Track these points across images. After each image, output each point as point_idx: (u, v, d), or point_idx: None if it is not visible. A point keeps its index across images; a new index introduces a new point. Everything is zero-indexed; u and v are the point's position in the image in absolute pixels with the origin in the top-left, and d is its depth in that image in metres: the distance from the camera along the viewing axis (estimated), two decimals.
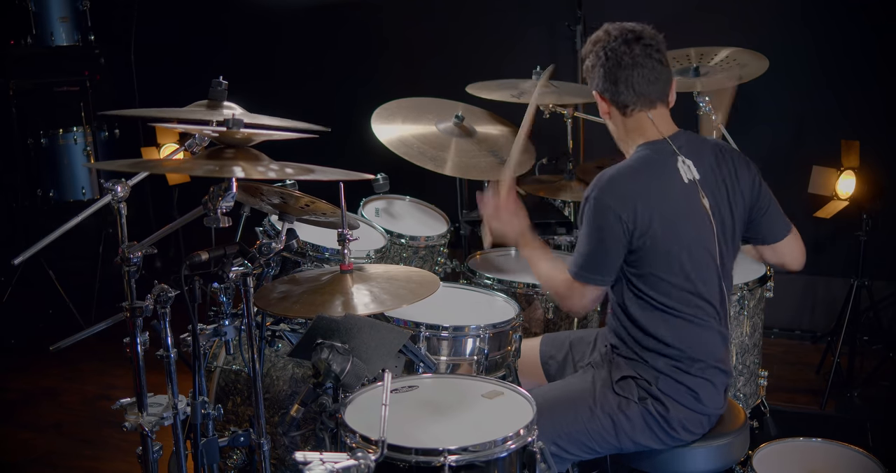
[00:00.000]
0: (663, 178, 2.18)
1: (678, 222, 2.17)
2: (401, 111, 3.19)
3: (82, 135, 4.94)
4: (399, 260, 3.00)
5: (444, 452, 1.62)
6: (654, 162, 2.20)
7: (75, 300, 4.66)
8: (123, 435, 3.51)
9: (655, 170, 2.19)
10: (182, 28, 5.42)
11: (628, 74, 2.18)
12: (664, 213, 2.15)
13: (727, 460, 2.34)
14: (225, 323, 2.14)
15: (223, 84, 2.13)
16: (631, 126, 2.25)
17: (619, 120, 2.26)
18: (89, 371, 4.21)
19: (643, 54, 2.18)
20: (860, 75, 4.19)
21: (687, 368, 2.21)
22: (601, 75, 2.21)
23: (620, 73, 2.18)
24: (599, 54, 2.20)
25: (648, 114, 2.22)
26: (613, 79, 2.19)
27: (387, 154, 2.97)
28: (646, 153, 2.21)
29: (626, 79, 2.19)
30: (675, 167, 2.20)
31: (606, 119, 2.31)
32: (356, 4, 5.06)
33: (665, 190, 2.18)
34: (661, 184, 2.18)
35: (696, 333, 2.22)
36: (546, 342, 2.63)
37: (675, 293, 2.19)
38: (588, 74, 2.28)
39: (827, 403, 3.75)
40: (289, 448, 2.54)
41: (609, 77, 2.20)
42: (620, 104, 2.23)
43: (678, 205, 2.18)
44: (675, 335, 2.20)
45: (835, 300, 4.33)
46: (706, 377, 2.22)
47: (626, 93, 2.20)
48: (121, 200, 1.97)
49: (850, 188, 3.82)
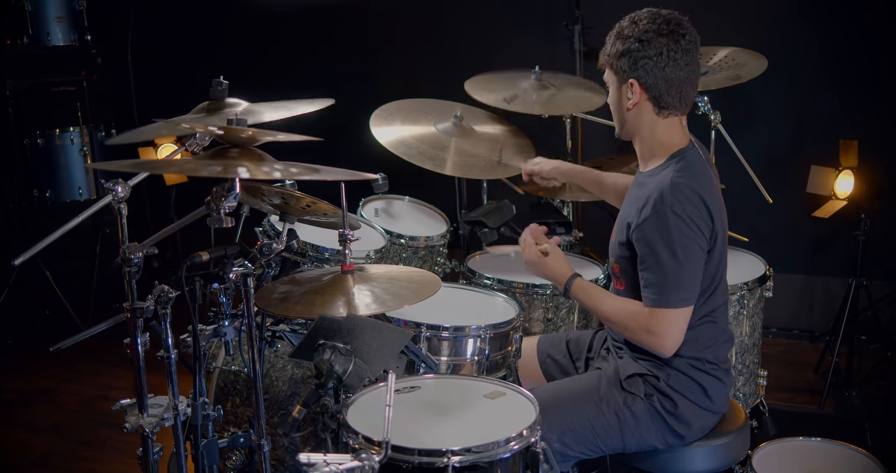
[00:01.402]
0: (712, 183, 2.19)
1: (722, 224, 2.19)
2: (399, 112, 3.19)
3: (79, 136, 4.93)
4: (398, 261, 3.00)
5: (447, 453, 1.62)
6: (701, 166, 2.19)
7: (72, 300, 4.64)
8: (121, 436, 3.51)
9: (707, 175, 2.18)
10: (178, 28, 5.40)
11: (681, 76, 2.13)
12: (722, 217, 2.17)
13: (728, 459, 2.34)
14: (224, 324, 2.13)
15: (224, 84, 2.14)
16: (662, 127, 2.20)
17: (649, 116, 2.19)
18: (87, 371, 4.20)
19: (693, 57, 2.14)
20: (859, 75, 4.20)
21: (701, 366, 2.22)
22: (649, 68, 2.12)
23: (674, 72, 2.12)
24: (653, 45, 2.10)
25: (682, 118, 2.22)
26: (666, 78, 2.12)
27: (384, 153, 2.97)
28: (692, 158, 2.18)
29: (680, 82, 2.13)
30: (709, 170, 2.21)
31: (627, 109, 2.20)
32: (352, 3, 5.06)
33: (717, 194, 2.18)
34: (715, 189, 2.18)
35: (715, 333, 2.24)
36: (543, 342, 2.63)
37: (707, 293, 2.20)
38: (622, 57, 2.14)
39: (825, 403, 3.75)
40: (288, 449, 2.53)
41: (661, 74, 2.12)
42: (662, 104, 2.16)
43: (722, 207, 2.20)
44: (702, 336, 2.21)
45: (832, 299, 4.34)
46: (717, 375, 2.24)
47: (673, 96, 2.15)
48: (121, 200, 1.97)
49: (848, 188, 3.82)
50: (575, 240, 3.46)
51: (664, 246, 2.08)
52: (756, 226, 3.99)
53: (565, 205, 3.68)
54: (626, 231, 2.19)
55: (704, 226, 2.10)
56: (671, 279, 2.08)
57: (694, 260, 2.09)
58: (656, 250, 2.09)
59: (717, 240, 2.16)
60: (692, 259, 2.09)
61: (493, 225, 3.12)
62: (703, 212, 2.09)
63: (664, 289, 2.09)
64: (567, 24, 4.42)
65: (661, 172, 2.18)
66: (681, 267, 2.08)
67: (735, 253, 3.26)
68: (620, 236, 2.24)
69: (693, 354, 2.20)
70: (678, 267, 2.08)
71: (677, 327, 2.12)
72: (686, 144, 2.22)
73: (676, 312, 2.11)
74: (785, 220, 4.31)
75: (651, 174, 2.22)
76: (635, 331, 2.17)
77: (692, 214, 2.07)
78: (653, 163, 2.25)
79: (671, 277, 2.08)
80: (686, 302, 2.11)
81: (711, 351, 2.23)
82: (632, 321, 2.17)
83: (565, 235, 3.36)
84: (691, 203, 2.08)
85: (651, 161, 2.26)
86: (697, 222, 2.08)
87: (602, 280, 2.95)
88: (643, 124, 2.22)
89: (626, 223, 2.20)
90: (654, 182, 2.16)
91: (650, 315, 2.12)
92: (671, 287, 2.09)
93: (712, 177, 2.22)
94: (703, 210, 2.09)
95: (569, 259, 2.62)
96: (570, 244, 3.44)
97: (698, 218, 2.08)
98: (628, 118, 2.23)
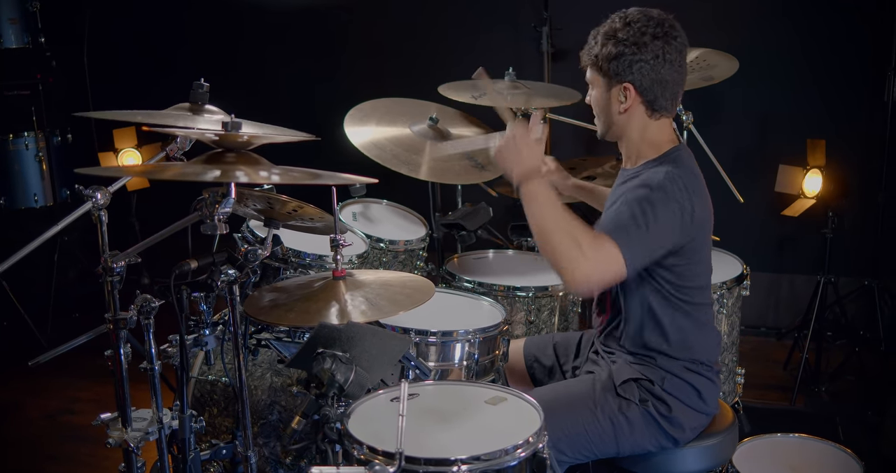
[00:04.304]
0: (703, 185, 2.17)
1: (709, 223, 2.18)
2: (375, 112, 3.14)
3: (34, 141, 4.79)
4: (379, 265, 2.96)
5: (456, 462, 1.59)
6: (693, 168, 2.18)
7: (30, 311, 4.50)
8: (91, 450, 3.43)
9: (699, 177, 2.17)
10: (137, 29, 5.29)
11: (675, 79, 2.12)
12: (707, 214, 2.15)
13: (717, 460, 2.34)
14: (205, 333, 2.08)
15: (205, 86, 2.08)
16: (654, 128, 2.18)
17: (640, 119, 2.16)
18: (52, 384, 4.07)
19: (684, 59, 2.13)
20: (826, 75, 4.27)
21: (695, 368, 2.21)
22: (645, 71, 2.09)
23: (670, 75, 2.10)
24: (649, 49, 2.07)
25: (671, 119, 2.21)
26: (661, 81, 2.10)
27: (356, 154, 2.91)
28: (685, 159, 2.17)
29: (673, 84, 2.12)
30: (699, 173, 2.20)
31: (618, 112, 2.16)
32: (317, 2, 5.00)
33: (707, 197, 2.17)
34: (704, 192, 2.16)
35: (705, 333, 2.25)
36: (529, 345, 2.61)
37: (700, 294, 2.20)
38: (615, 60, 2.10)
39: (796, 399, 3.80)
40: (269, 458, 2.48)
41: (657, 77, 2.10)
42: (656, 106, 2.14)
43: (710, 207, 2.19)
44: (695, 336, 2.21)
45: (798, 297, 4.41)
46: (709, 376, 2.24)
47: (667, 98, 2.13)
48: (101, 208, 1.90)
49: (816, 186, 3.89)
50: None
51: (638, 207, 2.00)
52: (726, 225, 4.03)
53: None
54: None
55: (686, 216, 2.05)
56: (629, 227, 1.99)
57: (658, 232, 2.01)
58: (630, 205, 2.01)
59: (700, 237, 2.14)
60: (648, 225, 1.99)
61: (472, 227, 3.10)
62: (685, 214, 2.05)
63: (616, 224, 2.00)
64: (535, 26, 4.42)
65: (652, 168, 2.15)
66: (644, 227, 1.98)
67: (712, 252, 3.28)
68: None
69: (688, 357, 2.20)
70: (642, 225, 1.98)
71: (604, 265, 1.97)
72: (678, 144, 2.21)
73: (615, 252, 1.96)
74: (754, 219, 4.37)
75: (640, 169, 2.19)
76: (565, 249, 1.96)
77: (680, 199, 2.03)
78: (641, 160, 2.22)
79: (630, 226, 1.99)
80: (628, 256, 1.97)
81: (705, 352, 2.23)
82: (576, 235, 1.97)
83: None
84: (682, 190, 2.04)
85: (639, 160, 2.23)
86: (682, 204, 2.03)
87: None
88: (633, 128, 2.19)
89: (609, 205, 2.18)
90: (643, 175, 2.13)
91: (595, 239, 1.97)
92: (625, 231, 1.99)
93: (702, 180, 2.20)
94: (686, 213, 2.05)
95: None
96: None
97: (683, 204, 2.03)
98: (617, 121, 2.20)
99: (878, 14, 4.04)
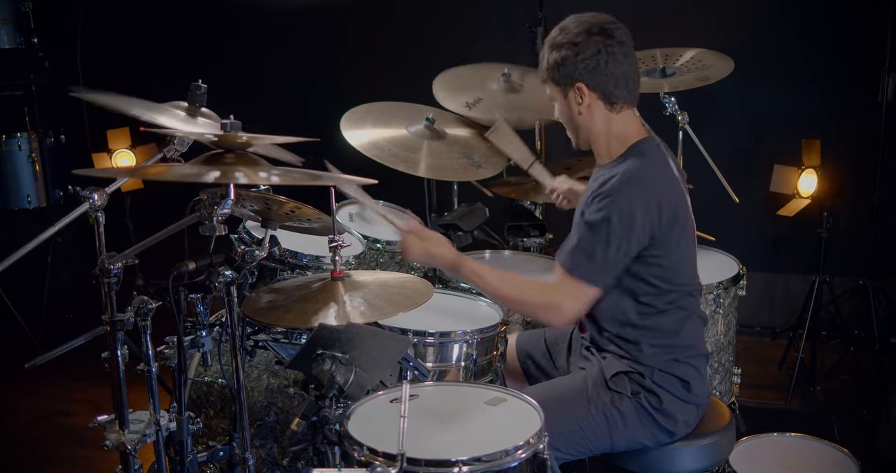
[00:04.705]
0: (670, 173, 2.20)
1: (683, 214, 2.18)
2: (370, 115, 3.15)
3: (27, 141, 4.77)
4: (375, 266, 2.95)
5: (457, 463, 1.59)
6: (659, 157, 2.20)
7: (23, 312, 4.48)
8: (87, 453, 3.42)
9: (665, 166, 2.19)
10: (131, 29, 5.27)
11: (625, 70, 2.14)
12: (679, 205, 2.16)
13: (714, 459, 2.34)
14: (202, 334, 2.07)
15: (202, 87, 2.07)
16: (618, 122, 2.20)
17: (602, 115, 2.19)
18: (45, 386, 4.05)
19: (629, 49, 2.15)
20: (821, 75, 4.27)
21: (677, 356, 2.22)
22: (591, 68, 2.12)
23: (616, 67, 2.13)
24: (588, 45, 2.11)
25: (634, 110, 2.22)
26: (610, 74, 2.13)
27: (353, 156, 2.90)
28: (650, 151, 2.19)
29: (623, 74, 2.14)
30: (669, 162, 2.22)
31: (579, 113, 2.20)
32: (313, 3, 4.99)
33: (674, 183, 2.19)
34: (671, 178, 2.19)
35: (689, 322, 2.25)
36: (521, 342, 2.62)
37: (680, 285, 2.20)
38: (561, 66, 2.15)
39: (792, 398, 3.81)
40: (265, 460, 2.47)
41: (601, 70, 2.12)
42: (611, 99, 2.16)
43: (683, 197, 2.20)
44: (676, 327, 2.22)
45: (793, 296, 4.41)
46: (692, 363, 2.24)
47: (620, 89, 2.16)
48: (98, 209, 1.89)
49: (811, 186, 3.90)
50: (547, 242, 3.45)
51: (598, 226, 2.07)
52: (721, 224, 4.04)
53: (536, 206, 3.66)
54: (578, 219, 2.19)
55: (647, 223, 2.07)
56: (589, 253, 2.07)
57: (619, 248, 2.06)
58: (589, 227, 2.08)
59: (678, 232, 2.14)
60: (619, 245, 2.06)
61: (468, 228, 3.08)
62: (650, 212, 2.08)
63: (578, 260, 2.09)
64: (530, 26, 4.41)
65: (617, 165, 2.17)
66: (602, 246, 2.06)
67: (708, 252, 3.29)
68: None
69: (670, 343, 2.21)
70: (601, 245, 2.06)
71: (574, 302, 2.11)
72: (645, 136, 2.22)
73: (581, 286, 2.09)
74: (749, 219, 4.37)
75: (608, 167, 2.20)
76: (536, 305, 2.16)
77: (635, 211, 2.06)
78: (612, 157, 2.23)
79: (589, 251, 2.07)
80: (592, 280, 2.08)
81: (687, 336, 2.23)
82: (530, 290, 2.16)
83: (539, 237, 3.35)
84: (640, 198, 2.07)
85: (610, 156, 2.24)
86: (638, 218, 2.06)
87: None
88: (597, 123, 2.21)
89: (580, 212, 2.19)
90: (609, 173, 2.15)
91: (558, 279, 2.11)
92: (585, 259, 2.08)
93: (671, 169, 2.21)
94: (652, 209, 2.08)
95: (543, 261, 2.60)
96: (542, 246, 3.43)
97: (641, 215, 2.06)
98: (581, 123, 2.22)
99: (872, 14, 4.05)
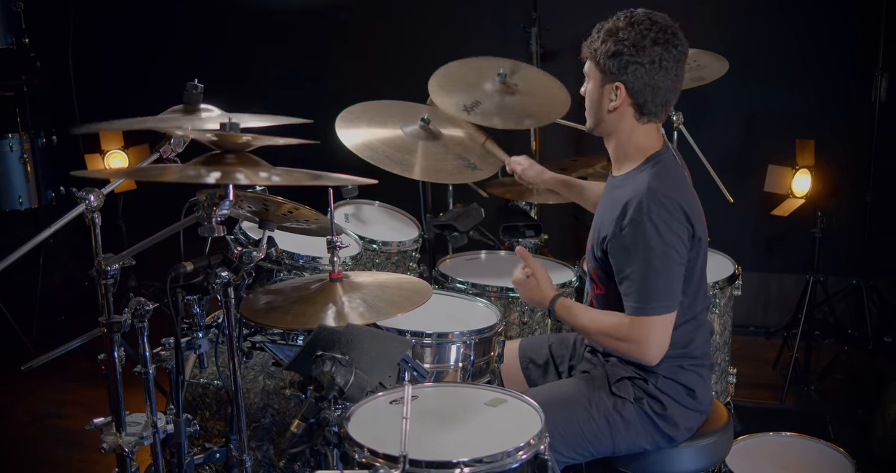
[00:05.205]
0: (688, 186, 2.19)
1: (701, 218, 2.18)
2: (365, 115, 3.12)
3: (18, 143, 4.74)
4: (372, 267, 2.94)
5: (458, 464, 1.58)
6: (676, 170, 2.20)
7: (14, 313, 4.45)
8: (82, 455, 3.40)
9: (682, 179, 2.19)
10: (122, 29, 5.24)
11: (668, 86, 2.12)
12: (700, 219, 2.16)
13: (713, 459, 2.34)
14: (198, 336, 2.06)
15: (199, 87, 2.06)
16: (641, 132, 2.19)
17: (629, 121, 2.17)
18: (38, 388, 4.02)
19: (682, 64, 2.13)
20: (814, 75, 4.29)
21: (687, 365, 2.22)
22: (640, 74, 2.09)
23: (663, 82, 2.10)
24: (649, 53, 2.08)
25: (659, 125, 2.22)
26: (653, 86, 2.11)
27: (347, 156, 2.89)
28: (667, 162, 2.18)
29: (666, 91, 2.12)
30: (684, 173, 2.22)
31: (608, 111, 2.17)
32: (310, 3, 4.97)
33: (694, 196, 2.18)
34: (690, 192, 2.18)
35: (698, 333, 2.24)
36: (524, 346, 2.61)
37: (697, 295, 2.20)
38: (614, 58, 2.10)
39: (786, 398, 3.82)
40: (262, 462, 2.46)
41: (650, 82, 2.10)
42: (644, 111, 2.15)
43: (700, 210, 2.19)
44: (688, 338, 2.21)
45: (787, 296, 4.43)
46: (701, 373, 2.24)
47: (657, 105, 2.14)
48: (94, 210, 1.88)
49: (805, 186, 3.91)
50: (542, 243, 3.45)
51: (642, 255, 2.05)
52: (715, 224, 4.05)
53: (532, 207, 3.66)
54: (601, 240, 2.18)
55: (683, 231, 2.08)
56: (650, 287, 2.06)
57: (672, 267, 2.07)
58: (635, 259, 2.06)
59: (699, 243, 2.15)
60: (670, 266, 2.07)
61: (464, 228, 3.09)
62: (681, 218, 2.08)
63: (644, 298, 2.06)
64: (524, 26, 4.41)
65: (636, 177, 2.17)
66: (658, 275, 2.05)
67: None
68: (596, 243, 2.22)
69: (679, 353, 2.20)
70: (656, 275, 2.05)
71: (660, 335, 2.09)
72: (660, 147, 2.21)
73: (658, 320, 2.08)
74: (743, 219, 4.38)
75: (625, 178, 2.21)
76: (618, 343, 2.14)
77: (670, 221, 2.05)
78: (627, 167, 2.23)
79: (650, 285, 2.06)
80: (666, 309, 2.08)
81: (696, 346, 2.23)
82: (615, 332, 2.13)
83: (534, 238, 3.35)
84: (668, 209, 2.06)
85: (625, 164, 2.24)
86: (675, 228, 2.06)
87: (574, 282, 2.93)
88: (621, 128, 2.20)
89: (601, 232, 2.19)
90: (628, 187, 2.15)
91: (631, 324, 2.09)
92: (651, 295, 2.06)
93: (687, 181, 2.23)
94: (680, 215, 2.08)
95: (539, 261, 2.60)
96: (538, 247, 3.43)
97: (677, 224, 2.07)
98: (607, 119, 2.21)
99: (865, 14, 4.07)
